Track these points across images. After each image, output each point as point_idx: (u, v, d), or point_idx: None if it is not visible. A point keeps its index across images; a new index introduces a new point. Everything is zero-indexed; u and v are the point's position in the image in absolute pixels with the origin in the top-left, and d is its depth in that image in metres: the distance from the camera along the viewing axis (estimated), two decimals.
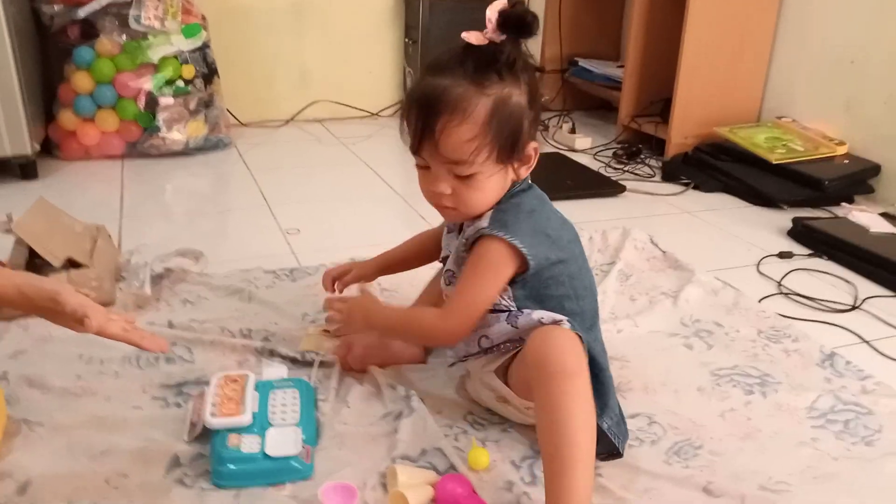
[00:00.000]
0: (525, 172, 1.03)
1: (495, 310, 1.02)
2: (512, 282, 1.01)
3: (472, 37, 0.95)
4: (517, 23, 0.94)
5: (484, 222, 1.01)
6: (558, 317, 0.96)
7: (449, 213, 1.04)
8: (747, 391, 1.21)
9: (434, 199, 1.02)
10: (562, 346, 0.90)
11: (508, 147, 0.97)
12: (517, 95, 0.96)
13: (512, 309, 1.01)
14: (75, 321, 0.92)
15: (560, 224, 1.06)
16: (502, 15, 0.93)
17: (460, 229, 1.09)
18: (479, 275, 1.00)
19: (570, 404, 0.86)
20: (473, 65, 0.95)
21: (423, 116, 0.96)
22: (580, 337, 0.93)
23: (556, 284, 1.02)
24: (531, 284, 1.01)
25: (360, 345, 1.21)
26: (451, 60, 0.96)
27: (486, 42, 0.95)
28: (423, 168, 1.01)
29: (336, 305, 1.10)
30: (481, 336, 1.05)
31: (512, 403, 1.06)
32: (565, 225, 1.07)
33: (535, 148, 1.01)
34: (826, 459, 1.06)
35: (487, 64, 0.95)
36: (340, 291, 1.27)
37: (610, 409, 0.99)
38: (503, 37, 0.95)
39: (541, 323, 0.97)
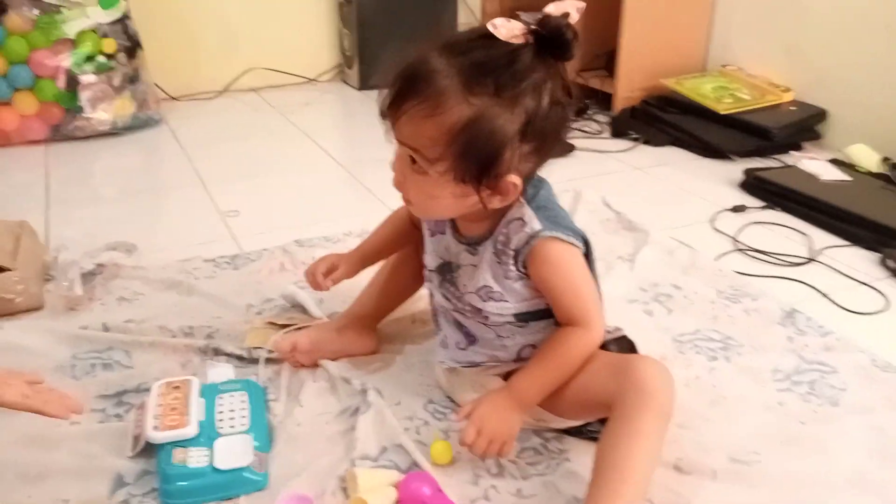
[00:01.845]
0: (499, 204, 0.88)
1: (539, 312, 0.97)
2: None
3: (499, 30, 0.79)
4: (551, 34, 0.79)
5: (535, 223, 0.89)
6: (618, 326, 1.00)
7: (408, 205, 0.93)
8: (711, 357, 1.19)
9: (393, 180, 0.91)
10: (672, 386, 0.89)
11: (474, 169, 0.83)
12: (506, 119, 0.80)
13: None
14: None
15: None
16: (540, 22, 0.80)
17: (455, 230, 0.98)
18: (576, 275, 0.93)
19: (655, 442, 0.85)
20: (477, 60, 0.80)
21: (398, 88, 0.83)
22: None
23: None
24: None
25: (305, 340, 1.14)
26: (460, 44, 0.82)
27: (510, 39, 0.80)
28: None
29: (471, 436, 0.91)
30: (524, 346, 0.99)
31: None
32: None
33: (515, 184, 0.85)
34: (793, 423, 1.04)
35: (492, 67, 0.80)
36: (327, 289, 1.13)
37: None
38: (530, 43, 0.80)
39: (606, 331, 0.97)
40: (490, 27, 0.80)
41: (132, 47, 2.32)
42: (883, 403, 1.08)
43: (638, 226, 1.62)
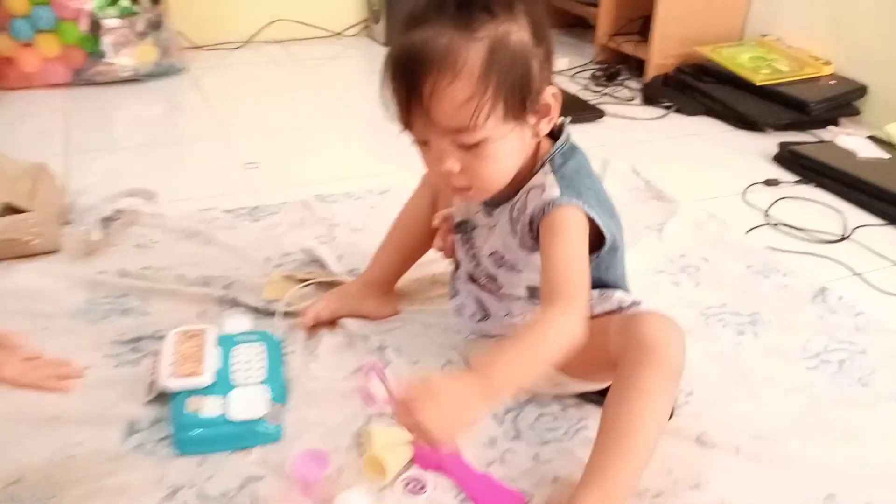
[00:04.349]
0: (547, 127, 0.84)
1: None
2: None
3: None
4: None
5: (554, 191, 0.84)
6: (637, 299, 0.93)
7: (465, 194, 0.87)
8: (738, 331, 1.16)
9: (443, 179, 0.84)
10: (680, 342, 0.85)
11: (517, 98, 0.78)
12: (517, 31, 0.77)
13: None
14: None
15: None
16: None
17: None
18: (576, 247, 0.83)
19: (661, 401, 0.82)
20: (455, 5, 0.76)
21: (406, 81, 0.77)
22: None
23: (613, 266, 0.93)
24: (594, 265, 0.88)
25: (326, 312, 1.12)
26: (428, 6, 0.77)
27: None
28: (421, 144, 0.83)
29: (406, 422, 0.72)
30: None
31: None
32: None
33: (555, 94, 0.82)
34: (822, 404, 1.02)
35: (473, 1, 0.77)
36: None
37: None
38: None
39: (621, 307, 0.92)
40: None
41: None
42: None
43: (667, 196, 1.58)
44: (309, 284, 1.20)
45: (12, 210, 1.28)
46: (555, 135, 0.89)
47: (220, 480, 0.85)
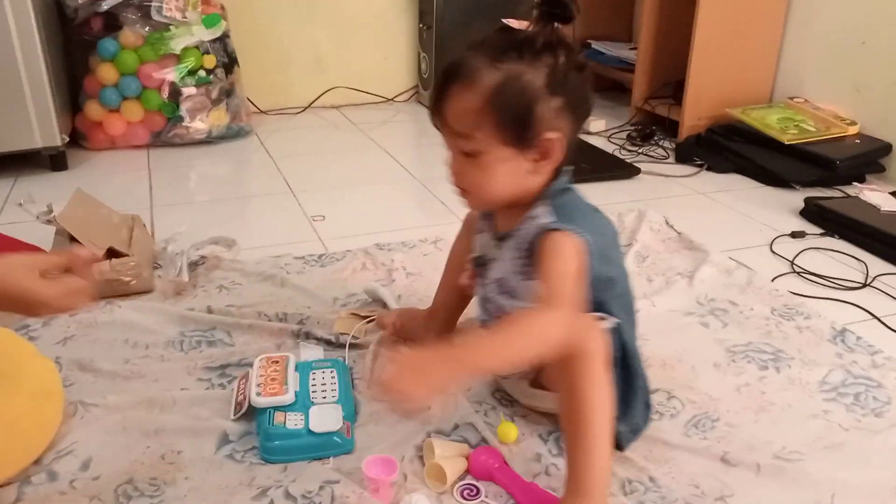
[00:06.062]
0: (548, 168, 0.96)
1: None
2: None
3: (512, 22, 0.94)
4: (551, 5, 0.91)
5: (546, 217, 0.95)
6: (603, 316, 0.99)
7: (465, 197, 1.01)
8: (761, 366, 1.27)
9: (451, 179, 1.00)
10: (583, 328, 0.90)
11: (516, 129, 0.92)
12: (531, 74, 0.91)
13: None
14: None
15: (610, 229, 1.05)
16: (540, 3, 0.91)
17: (494, 227, 1.07)
18: (565, 265, 0.91)
19: (589, 388, 0.89)
20: (499, 41, 0.93)
21: (438, 83, 0.96)
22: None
23: (608, 302, 1.00)
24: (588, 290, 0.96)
25: (397, 319, 1.29)
26: (484, 39, 0.95)
27: (521, 27, 0.93)
28: (447, 148, 0.99)
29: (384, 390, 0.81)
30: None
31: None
32: (610, 226, 1.06)
33: (557, 139, 0.93)
34: (837, 430, 1.11)
35: (511, 43, 0.92)
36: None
37: (631, 417, 1.05)
38: (541, 23, 0.92)
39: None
40: (505, 21, 0.94)
41: (230, 63, 2.53)
42: None
43: (698, 246, 1.70)
44: (373, 321, 1.35)
45: (114, 254, 1.46)
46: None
47: (302, 483, 0.98)
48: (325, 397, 1.10)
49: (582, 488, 0.90)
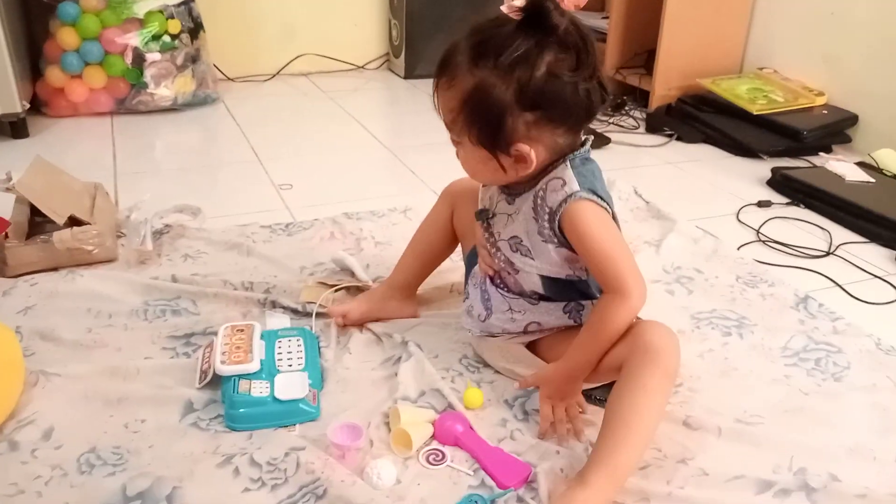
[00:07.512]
0: (523, 172, 0.97)
1: (561, 280, 1.05)
2: None
3: (505, 6, 0.91)
4: (532, 12, 0.89)
5: (573, 184, 0.97)
6: None
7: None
8: (725, 333, 1.28)
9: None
10: (676, 348, 0.97)
11: (485, 135, 0.94)
12: (500, 87, 0.90)
13: (583, 277, 1.05)
14: None
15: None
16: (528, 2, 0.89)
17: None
18: (609, 234, 0.97)
19: (660, 399, 0.94)
20: (485, 38, 0.91)
21: (436, 71, 0.97)
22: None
23: None
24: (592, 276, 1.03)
25: (356, 313, 1.25)
26: (480, 26, 0.93)
27: (509, 13, 0.90)
28: None
29: (547, 410, 1.03)
30: (531, 322, 1.09)
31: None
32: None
33: (527, 153, 0.94)
34: (797, 394, 1.13)
35: (494, 44, 0.90)
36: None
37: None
38: (520, 20, 0.90)
39: None
40: (501, 8, 0.91)
41: (195, 29, 2.47)
42: (885, 383, 1.16)
43: (666, 215, 1.72)
44: (340, 289, 1.34)
45: (76, 222, 1.43)
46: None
47: (268, 450, 0.97)
48: (290, 365, 1.09)
49: (612, 472, 0.90)
